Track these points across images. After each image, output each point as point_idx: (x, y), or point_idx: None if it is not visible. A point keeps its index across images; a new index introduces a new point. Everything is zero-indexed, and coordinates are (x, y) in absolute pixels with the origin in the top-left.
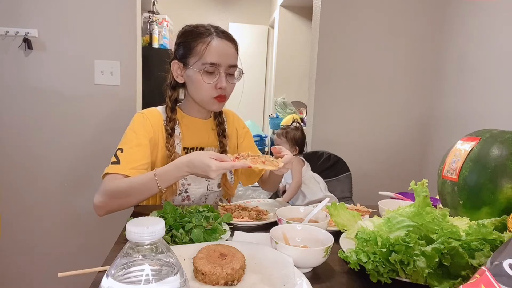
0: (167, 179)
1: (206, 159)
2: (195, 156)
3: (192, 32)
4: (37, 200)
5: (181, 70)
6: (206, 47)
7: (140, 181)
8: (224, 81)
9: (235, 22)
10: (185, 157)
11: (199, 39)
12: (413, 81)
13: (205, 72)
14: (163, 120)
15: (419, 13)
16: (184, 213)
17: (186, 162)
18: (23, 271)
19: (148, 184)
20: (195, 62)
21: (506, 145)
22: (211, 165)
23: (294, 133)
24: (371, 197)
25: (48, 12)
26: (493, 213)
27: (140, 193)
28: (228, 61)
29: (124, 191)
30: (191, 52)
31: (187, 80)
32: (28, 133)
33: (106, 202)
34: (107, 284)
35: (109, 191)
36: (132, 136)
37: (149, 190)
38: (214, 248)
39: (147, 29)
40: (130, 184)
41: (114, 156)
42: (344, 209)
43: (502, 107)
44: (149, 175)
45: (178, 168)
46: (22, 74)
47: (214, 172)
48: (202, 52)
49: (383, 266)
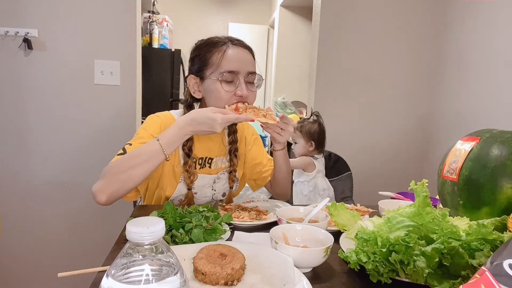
0: (171, 141)
1: (210, 113)
2: (197, 113)
3: (206, 44)
4: (37, 200)
5: (198, 84)
6: (222, 55)
7: (143, 149)
8: (245, 89)
9: (235, 22)
10: (186, 115)
11: (214, 49)
12: (413, 81)
13: (224, 81)
14: None
15: (419, 13)
16: (184, 213)
17: (189, 120)
18: (23, 271)
19: (152, 150)
20: (213, 72)
21: (506, 145)
22: (217, 118)
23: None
24: (371, 197)
25: (48, 12)
26: (493, 213)
27: (143, 162)
28: (246, 68)
29: (125, 164)
30: (207, 63)
31: (205, 93)
32: (28, 132)
33: (107, 183)
34: (107, 284)
35: (109, 168)
36: (143, 133)
37: (154, 157)
38: (214, 248)
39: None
40: (131, 154)
41: (122, 149)
42: (344, 209)
43: (502, 107)
44: (151, 141)
45: (180, 128)
46: (22, 74)
47: (220, 125)
48: (219, 61)
49: (383, 266)
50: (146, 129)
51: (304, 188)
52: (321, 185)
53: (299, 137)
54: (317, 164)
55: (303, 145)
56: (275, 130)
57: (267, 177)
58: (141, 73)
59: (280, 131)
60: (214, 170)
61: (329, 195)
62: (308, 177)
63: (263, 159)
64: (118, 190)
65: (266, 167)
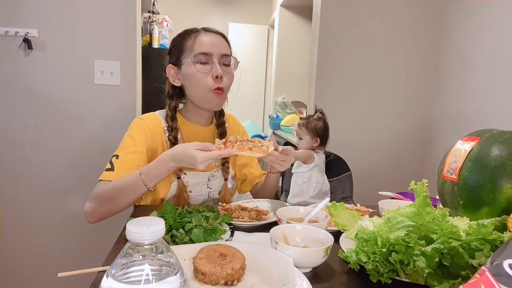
0: (153, 176)
1: (191, 151)
2: (179, 149)
3: (179, 34)
4: (37, 200)
5: (175, 72)
6: (194, 40)
7: (126, 181)
8: (219, 69)
9: (235, 22)
10: (169, 151)
11: (187, 36)
12: (413, 81)
13: (198, 63)
14: (162, 127)
15: (419, 13)
16: (184, 213)
17: (171, 156)
18: (23, 271)
19: (134, 184)
20: (186, 56)
21: (506, 145)
22: (197, 157)
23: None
24: (371, 197)
25: (48, 12)
26: (493, 213)
27: (127, 194)
28: (219, 50)
29: (111, 194)
30: (181, 50)
31: (183, 80)
32: (28, 133)
33: (96, 208)
34: (107, 284)
35: (97, 196)
36: (130, 142)
37: (137, 190)
38: (214, 248)
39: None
40: (116, 185)
41: (109, 163)
42: (344, 209)
43: (502, 107)
44: (134, 175)
45: (163, 163)
46: (22, 74)
47: (201, 163)
48: (191, 45)
49: (383, 266)
50: (132, 137)
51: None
52: (315, 178)
53: (305, 133)
54: (316, 157)
55: (308, 141)
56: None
57: (255, 180)
58: (141, 73)
59: (281, 162)
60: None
61: (321, 189)
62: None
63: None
64: (105, 214)
65: (253, 169)
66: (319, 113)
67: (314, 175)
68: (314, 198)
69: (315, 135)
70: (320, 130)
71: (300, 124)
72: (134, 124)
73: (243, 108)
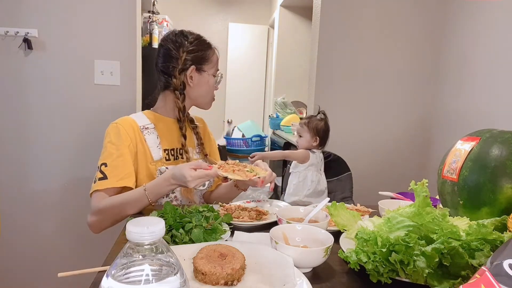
0: (157, 192)
1: (184, 170)
2: (177, 168)
3: (204, 42)
4: (37, 200)
5: (194, 75)
6: (216, 56)
7: (131, 197)
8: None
9: (235, 22)
10: (170, 170)
11: (210, 49)
12: (413, 81)
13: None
14: (138, 127)
15: (419, 13)
16: (184, 213)
17: (171, 175)
18: (23, 271)
19: (139, 199)
20: (211, 69)
21: (506, 145)
22: (186, 176)
23: (317, 123)
24: (371, 197)
25: (48, 12)
26: (493, 213)
27: (132, 208)
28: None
29: (117, 208)
30: (207, 60)
31: (197, 83)
32: (28, 133)
33: (101, 221)
34: (107, 284)
35: (101, 210)
36: (112, 148)
37: (140, 204)
38: (214, 248)
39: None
40: (121, 201)
41: (100, 172)
42: (344, 209)
43: (502, 107)
44: (139, 191)
45: (165, 180)
46: (22, 74)
47: (191, 182)
48: (215, 61)
49: (383, 266)
50: (113, 143)
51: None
52: (310, 177)
53: (305, 132)
54: (313, 156)
55: (307, 140)
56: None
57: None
58: (141, 73)
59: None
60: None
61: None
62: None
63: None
64: (109, 225)
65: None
66: (321, 114)
67: (309, 174)
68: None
69: (315, 134)
70: (321, 130)
71: (302, 122)
72: (111, 130)
73: (243, 108)
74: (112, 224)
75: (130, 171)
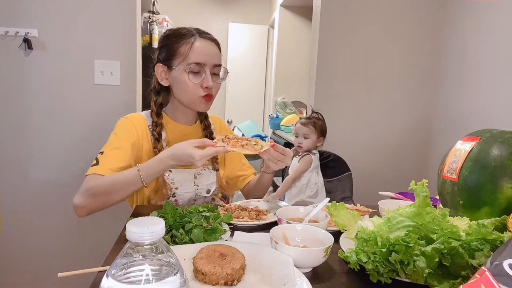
0: (151, 173)
1: (189, 149)
2: (177, 148)
3: (174, 34)
4: (37, 200)
5: (165, 73)
6: (190, 47)
7: (123, 176)
8: (211, 80)
9: (235, 22)
10: (169, 150)
11: (182, 40)
12: (413, 81)
13: (191, 72)
14: (147, 125)
15: (419, 13)
16: (184, 213)
17: (170, 155)
18: (23, 271)
19: (131, 180)
20: (180, 63)
21: (506, 145)
22: (195, 155)
23: (322, 124)
24: (371, 197)
25: (48, 12)
26: (493, 213)
27: (123, 189)
28: (212, 60)
29: (106, 188)
30: (175, 54)
31: (172, 82)
32: (28, 133)
33: (88, 202)
34: (107, 284)
35: (90, 189)
36: (114, 139)
37: (133, 186)
38: (214, 248)
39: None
40: (112, 180)
41: (95, 159)
42: (344, 209)
43: (502, 107)
44: (132, 171)
45: (162, 161)
46: (22, 74)
47: (198, 161)
48: (186, 53)
49: (383, 266)
50: (116, 134)
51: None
52: (313, 180)
53: (312, 133)
54: (314, 159)
55: (314, 141)
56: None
57: (246, 179)
58: (141, 73)
59: (277, 162)
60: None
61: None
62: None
63: (242, 158)
64: (97, 208)
65: (243, 171)
66: (319, 114)
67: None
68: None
69: (321, 135)
70: (325, 131)
71: (307, 123)
72: (119, 123)
73: (243, 108)
74: (98, 207)
75: (124, 166)
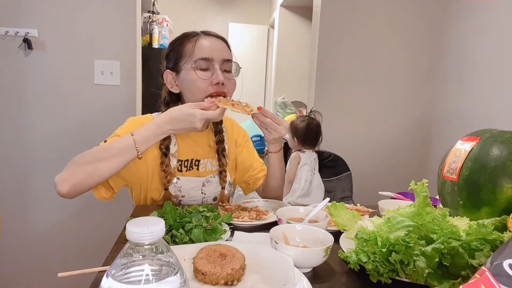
0: (146, 138)
1: (188, 109)
2: (175, 111)
3: (178, 38)
4: (37, 200)
5: (174, 78)
6: (194, 44)
7: (115, 143)
8: (221, 75)
9: (235, 22)
10: (165, 113)
11: (186, 40)
12: (413, 81)
13: (198, 68)
14: None
15: (419, 13)
16: (184, 213)
17: (168, 119)
18: (23, 271)
19: (124, 146)
20: (186, 61)
21: (506, 145)
22: (195, 114)
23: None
24: (371, 197)
25: (48, 12)
26: (493, 213)
27: (114, 157)
28: (220, 55)
29: (93, 155)
30: (181, 55)
31: (182, 86)
32: (28, 132)
33: (71, 172)
34: (107, 284)
35: (74, 160)
36: (119, 131)
37: (125, 153)
38: (214, 248)
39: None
40: (101, 148)
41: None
42: (344, 209)
43: (502, 107)
44: (126, 136)
45: (158, 126)
46: (22, 74)
47: (200, 120)
48: (191, 50)
49: (383, 266)
50: (122, 128)
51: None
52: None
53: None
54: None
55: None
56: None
57: (259, 180)
58: (141, 73)
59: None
60: (203, 172)
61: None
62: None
63: (254, 162)
64: (82, 182)
65: (257, 170)
66: (312, 114)
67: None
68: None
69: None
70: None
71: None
72: (128, 120)
73: None
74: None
75: None
